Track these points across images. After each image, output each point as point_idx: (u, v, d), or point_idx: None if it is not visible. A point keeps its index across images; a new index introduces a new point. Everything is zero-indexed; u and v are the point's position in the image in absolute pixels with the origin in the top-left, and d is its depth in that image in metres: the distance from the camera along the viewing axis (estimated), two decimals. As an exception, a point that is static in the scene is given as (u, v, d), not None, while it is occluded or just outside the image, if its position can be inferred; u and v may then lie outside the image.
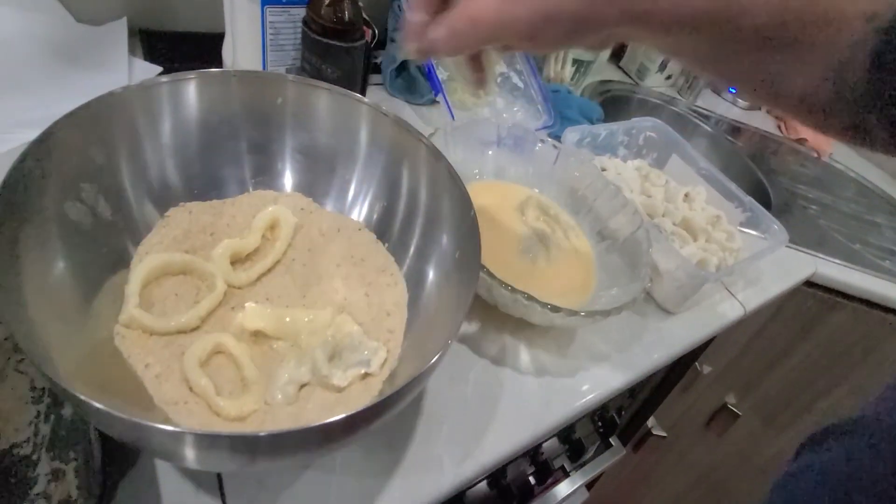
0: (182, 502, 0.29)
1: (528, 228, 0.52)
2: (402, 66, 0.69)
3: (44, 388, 0.28)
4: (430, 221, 0.40)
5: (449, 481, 0.34)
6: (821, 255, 0.74)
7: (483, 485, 0.49)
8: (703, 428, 0.98)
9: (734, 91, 1.14)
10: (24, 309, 0.26)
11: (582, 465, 0.58)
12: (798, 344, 0.85)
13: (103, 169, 0.32)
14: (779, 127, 1.13)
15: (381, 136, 0.41)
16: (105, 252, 0.32)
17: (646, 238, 0.50)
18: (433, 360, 0.28)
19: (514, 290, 0.40)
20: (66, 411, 0.28)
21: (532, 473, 0.51)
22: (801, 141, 1.09)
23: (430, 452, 0.35)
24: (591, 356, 0.47)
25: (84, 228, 0.31)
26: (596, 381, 0.45)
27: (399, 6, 0.68)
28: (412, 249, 0.40)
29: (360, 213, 0.42)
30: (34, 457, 0.28)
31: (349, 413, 0.24)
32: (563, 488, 0.56)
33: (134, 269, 0.32)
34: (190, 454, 0.24)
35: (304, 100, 0.40)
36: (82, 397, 0.22)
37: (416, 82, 0.69)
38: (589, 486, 0.80)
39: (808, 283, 0.74)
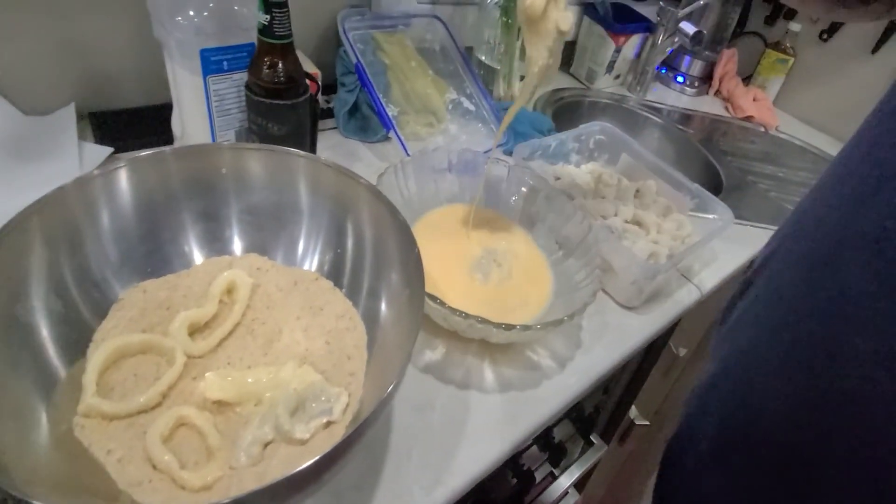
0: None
1: (481, 249, 0.50)
2: (355, 108, 0.68)
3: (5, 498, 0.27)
4: (378, 261, 0.39)
5: (421, 514, 0.33)
6: (771, 227, 0.73)
7: None
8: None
9: (683, 81, 1.13)
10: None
11: (567, 468, 0.57)
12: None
13: (50, 267, 0.31)
14: (726, 108, 1.11)
15: (322, 184, 0.40)
16: (61, 346, 0.31)
17: (595, 241, 0.49)
18: (384, 397, 0.27)
19: (467, 315, 0.39)
20: (31, 512, 0.27)
21: (516, 486, 0.49)
22: (748, 118, 1.08)
23: (399, 486, 0.34)
24: (554, 363, 0.45)
25: (36, 327, 0.30)
26: (561, 387, 0.43)
27: (345, 52, 0.67)
28: (364, 290, 0.39)
29: (311, 262, 0.41)
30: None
31: (307, 464, 0.23)
32: (552, 493, 0.54)
33: (90, 358, 0.31)
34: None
35: (241, 164, 0.39)
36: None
37: (369, 122, 0.68)
38: (580, 487, 0.78)
39: (765, 256, 0.73)
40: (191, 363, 0.34)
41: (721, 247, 0.65)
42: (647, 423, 0.80)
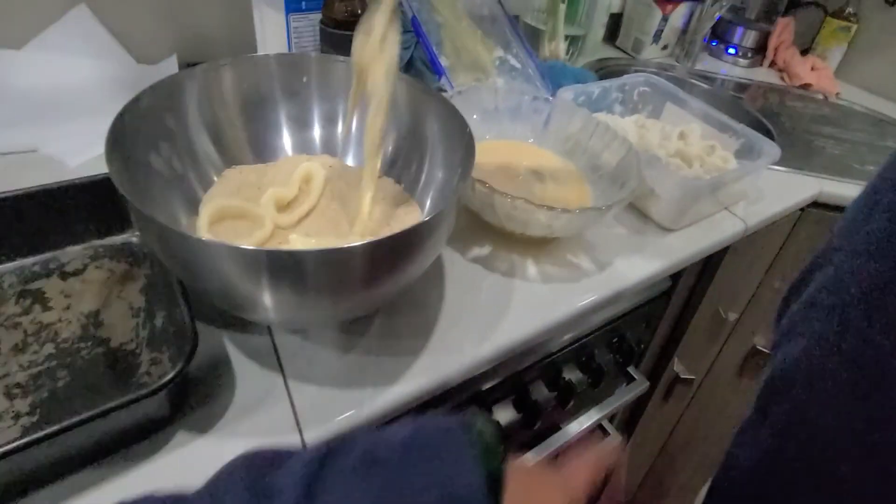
0: (248, 370, 0.35)
1: (524, 170, 0.55)
2: (409, 65, 0.75)
3: (139, 307, 0.35)
4: (433, 151, 0.44)
5: (469, 360, 0.38)
6: (825, 176, 0.72)
7: (510, 406, 0.51)
8: (737, 376, 0.94)
9: (735, 52, 1.12)
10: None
11: (607, 398, 0.60)
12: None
13: (174, 133, 0.39)
14: (781, 79, 1.09)
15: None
16: (182, 198, 0.39)
17: (636, 159, 0.51)
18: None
19: (513, 197, 0.43)
20: (158, 321, 0.35)
21: (556, 398, 0.52)
22: (806, 86, 1.06)
23: (451, 339, 0.39)
24: (594, 266, 0.49)
25: (165, 177, 0.38)
26: (599, 286, 0.47)
27: (401, 10, 0.74)
28: (421, 179, 0.45)
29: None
30: (137, 351, 0.34)
31: (386, 235, 0.29)
32: (589, 418, 0.58)
33: (202, 210, 0.39)
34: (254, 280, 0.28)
35: (324, 73, 0.45)
36: (186, 230, 0.27)
37: (423, 76, 0.74)
38: (627, 436, 0.79)
39: (816, 205, 0.72)
40: (276, 232, 0.41)
41: (769, 188, 0.66)
42: (692, 376, 0.80)
